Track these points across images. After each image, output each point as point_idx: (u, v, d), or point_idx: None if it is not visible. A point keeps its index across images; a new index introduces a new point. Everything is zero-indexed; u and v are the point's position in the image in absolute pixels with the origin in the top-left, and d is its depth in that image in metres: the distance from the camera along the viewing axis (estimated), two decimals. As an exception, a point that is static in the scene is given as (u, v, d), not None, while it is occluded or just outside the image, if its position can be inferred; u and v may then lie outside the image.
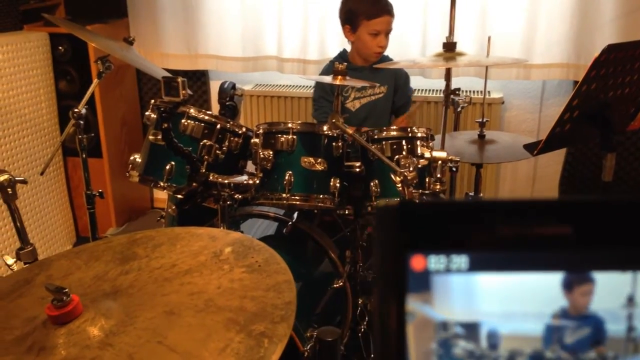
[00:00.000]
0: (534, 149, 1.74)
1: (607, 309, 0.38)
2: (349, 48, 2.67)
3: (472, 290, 0.38)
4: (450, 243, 0.37)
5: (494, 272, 0.38)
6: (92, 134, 3.13)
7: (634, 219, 0.37)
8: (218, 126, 1.91)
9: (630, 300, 0.38)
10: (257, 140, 1.86)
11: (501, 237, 0.37)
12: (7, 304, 1.06)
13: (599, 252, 0.37)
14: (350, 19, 2.53)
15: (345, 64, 1.86)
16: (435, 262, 0.38)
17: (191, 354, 0.90)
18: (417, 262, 0.37)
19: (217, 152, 1.91)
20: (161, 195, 3.64)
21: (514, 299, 0.38)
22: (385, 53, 2.71)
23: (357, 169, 1.94)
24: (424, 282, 0.37)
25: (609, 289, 0.38)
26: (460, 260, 0.38)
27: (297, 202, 1.85)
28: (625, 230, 0.37)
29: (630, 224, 0.37)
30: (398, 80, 2.66)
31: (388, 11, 2.49)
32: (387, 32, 2.52)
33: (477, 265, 0.38)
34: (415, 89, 3.09)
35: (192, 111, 1.90)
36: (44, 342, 0.93)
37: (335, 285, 1.99)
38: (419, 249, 0.37)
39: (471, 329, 0.38)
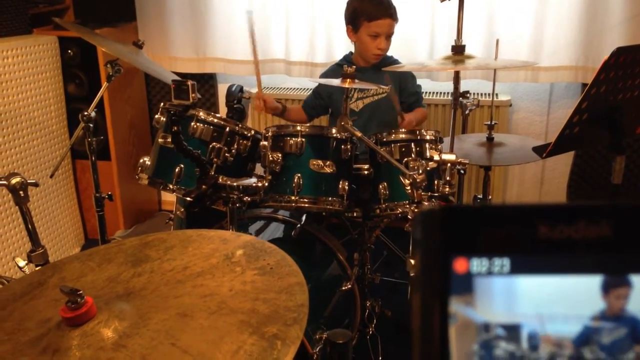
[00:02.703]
0: (543, 151, 1.74)
1: None
2: (354, 49, 2.69)
3: (513, 293, 0.39)
4: (492, 246, 0.38)
5: (534, 275, 0.39)
6: (101, 137, 3.16)
7: None
8: (227, 129, 1.92)
9: None
10: (266, 143, 1.87)
11: (542, 240, 0.38)
12: (21, 306, 1.07)
13: (638, 256, 0.38)
14: (352, 19, 2.55)
15: (354, 67, 1.87)
16: (478, 264, 0.38)
17: (204, 355, 0.90)
18: (459, 265, 0.38)
19: (226, 154, 1.92)
20: (169, 198, 3.66)
21: (555, 301, 0.39)
22: (393, 55, 2.72)
23: (366, 172, 1.95)
24: (466, 285, 0.38)
25: None
26: (502, 263, 0.38)
27: (306, 205, 1.86)
28: None
29: None
30: (402, 79, 2.66)
31: (390, 14, 2.49)
32: (388, 35, 2.52)
33: (519, 268, 0.38)
34: (423, 92, 3.09)
35: (202, 114, 1.91)
36: (58, 344, 0.94)
37: (343, 288, 1.99)
38: (461, 252, 0.38)
39: (512, 331, 0.39)
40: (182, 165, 1.89)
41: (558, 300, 0.39)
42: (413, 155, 1.89)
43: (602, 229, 0.38)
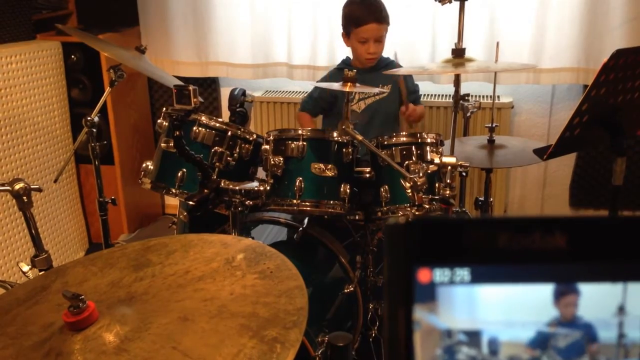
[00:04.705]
0: (543, 153, 1.75)
1: (598, 317, 0.41)
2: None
3: (473, 301, 0.41)
4: (454, 257, 0.40)
5: (493, 284, 0.41)
6: (105, 142, 3.16)
7: (624, 234, 0.40)
8: (229, 133, 1.93)
9: (621, 309, 0.40)
10: (267, 147, 1.88)
11: (500, 251, 0.40)
12: (24, 311, 1.08)
13: (590, 266, 0.40)
14: (344, 26, 2.58)
15: (355, 70, 1.88)
16: (440, 274, 0.40)
17: (205, 359, 0.91)
18: (423, 275, 0.40)
19: (228, 158, 1.93)
20: (172, 202, 3.67)
21: (513, 309, 0.41)
22: (394, 58, 2.73)
23: (367, 175, 1.96)
24: (429, 293, 0.40)
25: (601, 299, 0.40)
26: (463, 273, 0.40)
27: (308, 208, 1.86)
28: (616, 245, 0.40)
29: (620, 239, 0.40)
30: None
31: (375, 19, 2.48)
32: (377, 39, 2.51)
33: (478, 278, 0.40)
34: (424, 94, 3.10)
35: (204, 119, 1.92)
36: (61, 348, 0.95)
37: (346, 291, 1.99)
38: (425, 262, 0.40)
39: (473, 337, 0.41)
40: (184, 170, 1.90)
41: (516, 308, 0.41)
42: (414, 158, 1.90)
43: (556, 240, 0.39)
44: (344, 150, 1.89)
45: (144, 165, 1.98)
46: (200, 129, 1.92)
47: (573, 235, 0.39)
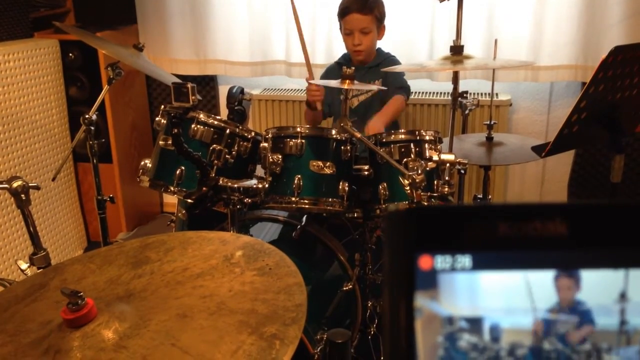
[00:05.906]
0: (542, 150, 1.75)
1: (600, 303, 0.41)
2: None
3: (475, 288, 0.41)
4: (455, 244, 0.40)
5: (495, 271, 0.41)
6: (103, 140, 3.17)
7: (626, 221, 0.40)
8: (227, 131, 1.93)
9: (623, 296, 0.41)
10: (266, 144, 1.88)
11: (501, 238, 0.40)
12: (22, 308, 1.08)
13: (592, 252, 0.40)
14: (338, 19, 2.56)
15: (353, 68, 1.88)
16: (442, 261, 0.40)
17: (204, 356, 0.91)
18: (424, 262, 0.40)
19: (227, 156, 1.93)
20: (171, 200, 3.67)
21: (514, 295, 0.41)
22: (394, 54, 2.71)
23: (366, 172, 1.95)
24: (431, 280, 0.40)
25: (602, 286, 0.41)
26: (464, 259, 0.40)
27: (306, 206, 1.86)
28: (618, 232, 0.40)
29: (622, 225, 0.40)
30: (389, 78, 2.63)
31: (358, 9, 2.46)
32: (361, 30, 2.48)
33: (480, 264, 0.41)
34: (422, 92, 3.10)
35: (202, 116, 1.92)
36: (59, 345, 0.95)
37: (344, 288, 2.00)
38: (426, 249, 0.40)
39: (475, 324, 0.41)
40: (183, 167, 1.90)
41: (517, 294, 0.41)
42: (412, 156, 1.90)
43: (557, 227, 0.40)
44: (342, 147, 1.89)
45: (142, 163, 1.98)
46: (198, 126, 1.92)
47: (574, 221, 0.40)
